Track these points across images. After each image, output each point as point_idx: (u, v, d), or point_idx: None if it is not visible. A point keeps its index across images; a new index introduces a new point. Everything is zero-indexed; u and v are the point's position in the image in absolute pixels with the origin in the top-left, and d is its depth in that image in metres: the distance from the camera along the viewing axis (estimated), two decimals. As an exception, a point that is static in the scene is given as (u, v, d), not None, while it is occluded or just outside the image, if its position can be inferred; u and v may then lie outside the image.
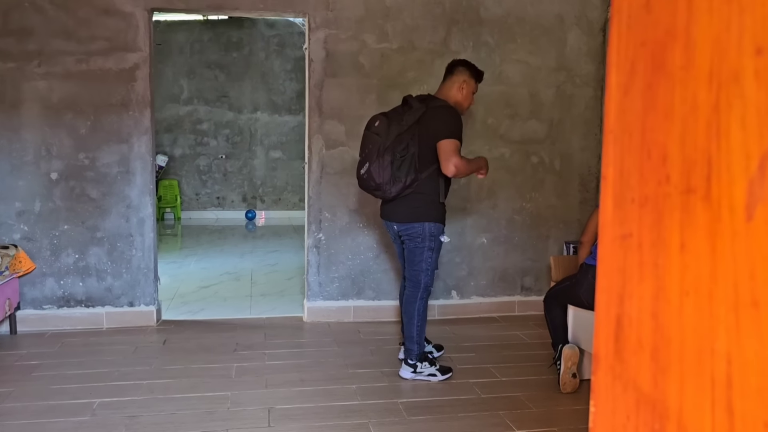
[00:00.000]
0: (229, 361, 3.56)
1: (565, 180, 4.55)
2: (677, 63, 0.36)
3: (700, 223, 0.34)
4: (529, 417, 2.95)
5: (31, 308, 4.03)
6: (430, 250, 3.21)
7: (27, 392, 3.12)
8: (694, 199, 0.35)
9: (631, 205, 0.41)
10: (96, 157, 4.00)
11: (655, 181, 0.38)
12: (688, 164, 0.35)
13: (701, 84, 0.34)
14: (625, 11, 0.41)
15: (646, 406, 0.39)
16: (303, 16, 4.18)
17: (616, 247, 0.43)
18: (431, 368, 3.34)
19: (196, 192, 9.26)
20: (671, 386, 0.37)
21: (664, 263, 0.37)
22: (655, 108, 0.38)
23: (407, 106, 3.20)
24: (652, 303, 0.38)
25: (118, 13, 3.94)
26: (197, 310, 4.60)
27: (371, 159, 3.10)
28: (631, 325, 0.41)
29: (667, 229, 0.37)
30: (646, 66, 0.39)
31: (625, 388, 0.41)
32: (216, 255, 6.67)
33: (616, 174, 0.42)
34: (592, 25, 4.49)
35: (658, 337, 0.38)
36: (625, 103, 0.41)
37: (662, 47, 0.37)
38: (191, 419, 2.86)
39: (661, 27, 0.38)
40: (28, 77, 3.89)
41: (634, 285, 0.41)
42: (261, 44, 9.12)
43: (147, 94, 4.01)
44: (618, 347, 0.42)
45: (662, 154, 0.38)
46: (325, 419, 2.89)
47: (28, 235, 3.99)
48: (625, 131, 0.41)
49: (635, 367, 0.40)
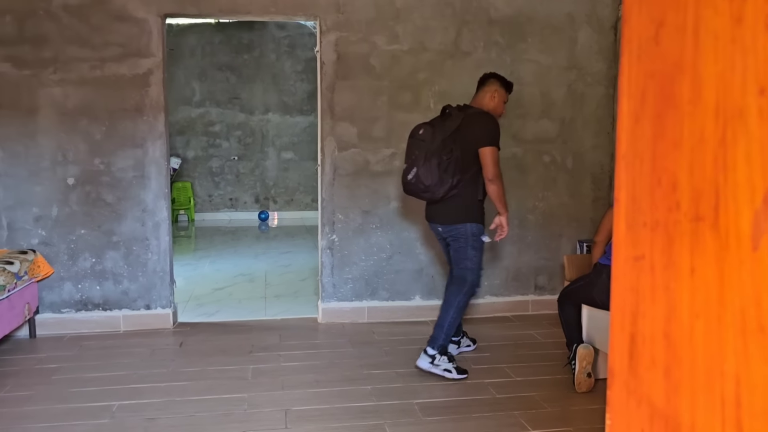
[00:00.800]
0: (245, 363, 3.60)
1: (577, 179, 4.55)
2: (685, 96, 0.38)
3: (709, 250, 0.36)
4: (544, 417, 2.96)
5: (49, 312, 4.09)
6: (474, 249, 3.39)
7: (47, 395, 3.17)
8: (703, 226, 0.37)
9: (643, 229, 0.42)
10: (111, 162, 4.05)
11: (666, 207, 0.40)
12: (696, 193, 0.37)
13: (708, 118, 0.36)
14: (635, 41, 0.43)
15: (659, 421, 0.41)
16: (314, 19, 4.21)
17: (629, 267, 0.44)
18: (448, 364, 3.39)
19: (209, 194, 9.33)
20: (683, 403, 0.39)
21: (675, 286, 0.39)
22: (665, 137, 0.40)
23: (447, 114, 3.42)
24: (665, 323, 0.40)
25: (132, 19, 3.98)
26: (212, 312, 4.64)
27: (418, 164, 3.30)
28: (645, 343, 0.43)
29: (678, 254, 0.39)
30: (655, 96, 0.41)
31: (639, 403, 0.43)
32: (230, 256, 6.73)
33: (629, 198, 0.44)
34: (602, 23, 4.48)
35: (671, 355, 0.40)
36: (636, 130, 0.43)
37: (671, 80, 0.39)
38: (209, 421, 2.90)
39: (669, 60, 0.39)
40: (44, 84, 3.95)
41: (647, 305, 0.42)
42: (271, 46, 9.16)
43: (161, 99, 4.06)
44: (632, 364, 0.44)
45: (672, 181, 0.39)
46: (341, 420, 2.92)
47: (46, 240, 4.05)
48: (636, 157, 0.43)
49: (649, 383, 0.42)
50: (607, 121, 4.55)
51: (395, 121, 4.28)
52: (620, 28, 3.06)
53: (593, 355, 3.22)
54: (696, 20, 0.37)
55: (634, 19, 0.43)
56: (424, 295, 4.44)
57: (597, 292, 3.19)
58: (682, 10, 0.38)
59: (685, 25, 0.38)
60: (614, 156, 2.82)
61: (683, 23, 0.38)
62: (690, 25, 0.38)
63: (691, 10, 0.37)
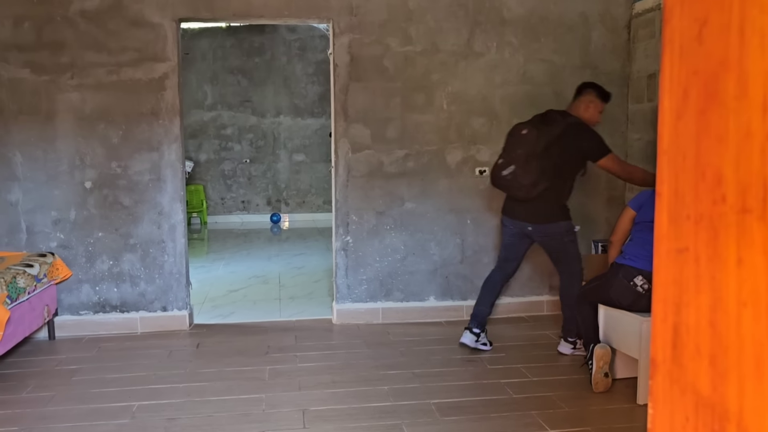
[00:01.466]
0: (262, 364, 3.62)
1: (592, 178, 4.54)
2: (730, 93, 0.39)
3: (757, 241, 0.37)
4: (561, 417, 2.96)
5: (68, 314, 4.14)
6: (572, 242, 3.71)
7: (68, 396, 3.21)
8: (751, 218, 0.38)
9: (686, 222, 0.44)
10: (128, 166, 4.10)
11: (710, 200, 0.41)
12: (743, 186, 0.38)
13: (755, 113, 0.37)
14: (677, 41, 0.44)
15: (705, 409, 0.42)
16: (327, 21, 4.24)
17: (671, 260, 0.46)
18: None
19: (221, 196, 9.38)
20: (731, 390, 0.40)
21: (721, 276, 0.41)
22: (709, 133, 0.41)
23: (551, 119, 3.62)
24: (710, 313, 0.42)
25: (147, 24, 4.03)
26: (228, 314, 4.68)
27: (519, 162, 3.52)
28: (689, 333, 0.44)
29: (723, 245, 0.40)
30: (698, 93, 0.42)
31: (683, 392, 0.44)
32: (243, 259, 6.76)
33: (671, 192, 0.45)
34: (616, 22, 4.48)
35: (716, 344, 0.41)
36: (678, 126, 0.44)
37: (715, 77, 0.40)
38: (228, 421, 2.92)
39: (713, 58, 0.41)
40: (62, 89, 4.00)
41: (691, 296, 0.44)
42: (282, 49, 9.21)
43: (176, 103, 4.10)
44: (675, 353, 0.45)
45: (717, 175, 0.41)
46: (358, 420, 2.93)
47: (65, 243, 4.09)
48: (679, 153, 0.44)
49: (693, 372, 0.43)
50: (622, 121, 4.55)
51: (408, 122, 4.30)
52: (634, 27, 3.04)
53: (610, 355, 3.21)
54: (741, 19, 0.38)
55: (675, 19, 0.44)
56: (438, 296, 4.45)
57: (613, 292, 3.19)
58: (726, 10, 0.39)
59: (729, 23, 0.39)
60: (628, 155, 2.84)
61: (728, 22, 0.40)
62: (735, 23, 0.39)
63: (736, 9, 0.39)
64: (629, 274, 3.14)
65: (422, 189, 4.37)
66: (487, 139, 4.38)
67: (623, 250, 3.30)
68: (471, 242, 4.45)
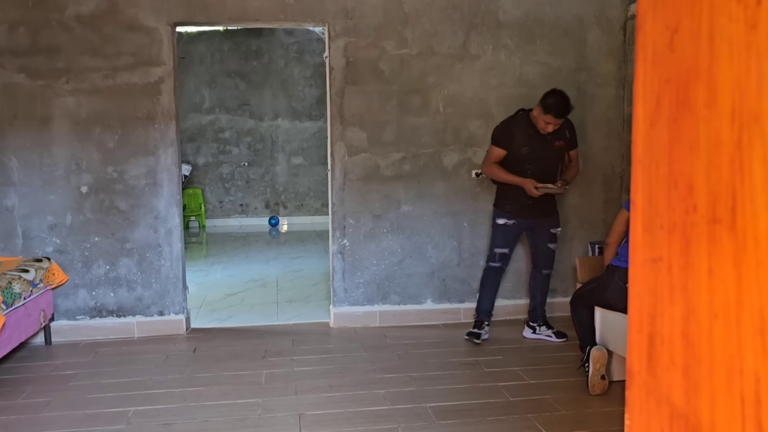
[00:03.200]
0: (259, 368, 3.61)
1: (588, 180, 4.54)
2: (701, 101, 0.39)
3: (727, 252, 0.37)
4: (558, 420, 2.95)
5: (64, 319, 4.13)
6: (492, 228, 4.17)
7: (64, 402, 3.20)
8: (720, 228, 0.37)
9: (660, 231, 0.43)
10: (124, 170, 4.09)
11: (683, 209, 0.41)
12: (713, 195, 0.38)
13: (724, 122, 0.37)
14: (650, 48, 0.44)
15: (679, 421, 0.41)
16: (323, 24, 4.23)
17: (646, 269, 0.45)
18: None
19: (219, 200, 9.38)
20: (703, 403, 0.39)
21: (693, 287, 0.40)
22: (681, 141, 0.41)
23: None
24: (683, 323, 0.41)
25: (142, 28, 4.02)
26: (225, 318, 4.67)
27: None
28: (663, 343, 0.43)
29: (696, 255, 0.40)
30: (671, 101, 0.42)
31: (658, 404, 0.44)
32: (241, 262, 6.76)
33: (645, 201, 0.45)
34: (611, 24, 4.48)
35: (689, 355, 0.40)
36: (651, 134, 0.44)
37: (686, 85, 0.40)
38: (224, 426, 2.92)
39: (684, 66, 0.40)
40: (58, 94, 4.00)
41: (665, 306, 0.43)
42: (280, 52, 9.21)
43: (172, 107, 4.09)
44: (651, 364, 0.45)
45: (688, 184, 0.40)
46: (355, 424, 2.93)
47: (61, 247, 4.09)
48: (653, 161, 0.44)
49: (668, 383, 0.43)
50: (618, 122, 4.55)
51: (405, 125, 4.30)
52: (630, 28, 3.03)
53: (607, 358, 3.21)
54: (711, 27, 0.38)
55: (648, 25, 0.44)
56: (435, 299, 4.44)
57: (610, 294, 3.19)
58: (696, 17, 0.39)
59: (699, 31, 0.39)
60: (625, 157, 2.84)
61: (698, 30, 0.39)
62: (705, 31, 0.38)
63: (705, 16, 0.38)
64: (625, 276, 3.13)
65: (419, 192, 4.36)
66: (484, 141, 4.38)
67: (619, 252, 3.30)
68: (468, 245, 4.44)
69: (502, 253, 4.02)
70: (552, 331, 4.09)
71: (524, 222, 3.96)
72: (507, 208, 3.95)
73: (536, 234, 4.04)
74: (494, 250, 4.05)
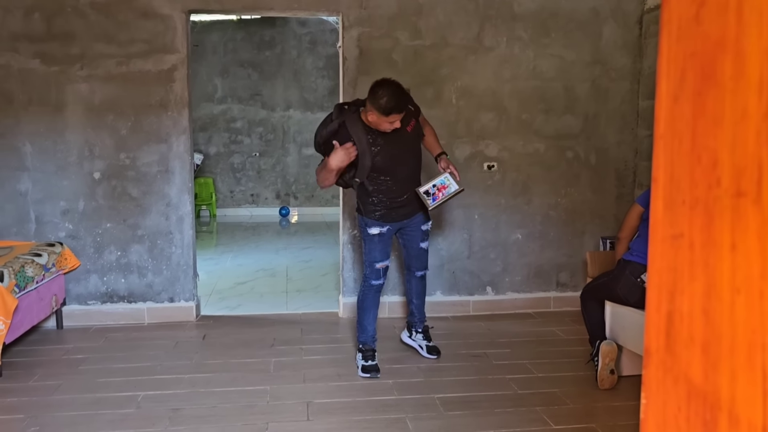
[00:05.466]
0: (267, 356, 3.63)
1: (601, 175, 4.51)
2: (727, 73, 0.38)
3: (751, 225, 0.36)
4: (566, 413, 2.95)
5: (76, 304, 4.16)
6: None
7: (75, 385, 3.23)
8: (745, 202, 0.37)
9: (681, 207, 0.43)
10: (136, 157, 4.11)
11: (706, 184, 0.40)
12: (738, 169, 0.37)
13: (751, 93, 0.36)
14: (675, 22, 0.43)
15: (697, 398, 0.41)
16: (337, 14, 4.22)
17: (666, 246, 0.45)
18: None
19: (230, 189, 9.41)
20: (722, 379, 0.39)
21: (714, 262, 0.40)
22: (705, 115, 0.40)
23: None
24: (703, 300, 0.41)
25: (157, 15, 4.03)
26: (234, 306, 4.69)
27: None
28: (682, 321, 0.43)
29: (718, 230, 0.39)
30: (695, 75, 0.41)
31: (676, 381, 0.43)
32: (251, 251, 6.78)
33: (667, 177, 0.44)
34: (627, 17, 4.44)
35: (709, 332, 0.40)
36: (675, 110, 0.43)
37: (712, 58, 0.39)
38: (232, 412, 2.93)
39: (711, 39, 0.40)
40: (72, 80, 4.01)
41: (685, 283, 0.43)
42: (293, 42, 9.20)
43: (185, 95, 4.10)
44: (669, 342, 0.44)
45: (712, 158, 0.40)
46: (362, 413, 2.93)
47: (73, 233, 4.11)
48: (675, 137, 0.43)
49: (686, 360, 0.42)
50: (632, 117, 4.51)
51: (417, 116, 4.28)
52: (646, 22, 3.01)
53: (616, 352, 3.20)
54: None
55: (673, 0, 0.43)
56: (445, 291, 4.44)
57: (621, 288, 3.17)
58: (724, -12, 0.38)
59: (727, 3, 0.38)
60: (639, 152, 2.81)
61: (725, 2, 0.39)
62: (733, 2, 0.38)
63: (734, -13, 0.38)
64: (636, 271, 3.12)
65: (430, 183, 4.34)
66: (496, 134, 4.36)
67: (630, 247, 3.28)
68: (478, 237, 4.43)
69: (385, 267, 3.47)
70: (426, 344, 3.65)
71: (396, 225, 3.43)
72: (377, 215, 3.36)
73: (407, 234, 3.52)
74: (375, 265, 3.44)
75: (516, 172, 4.41)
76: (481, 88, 4.32)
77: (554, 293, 4.55)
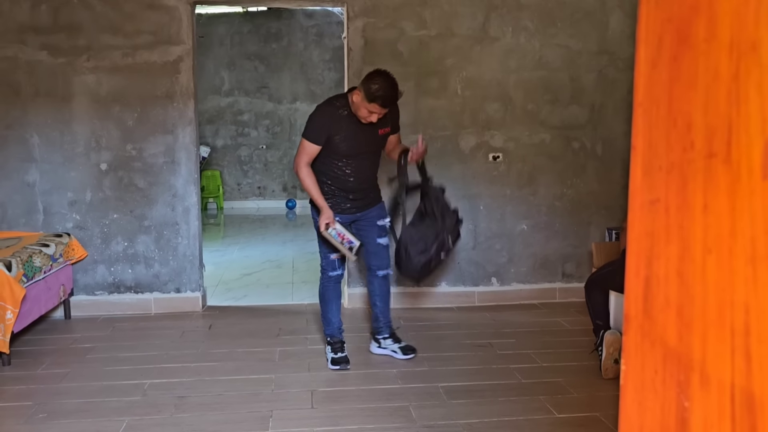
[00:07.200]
0: (273, 346, 3.65)
1: (607, 166, 4.50)
2: (701, 36, 0.38)
3: (721, 185, 0.37)
4: (570, 402, 2.95)
5: (83, 294, 4.20)
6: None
7: (82, 373, 3.26)
8: (716, 162, 0.37)
9: (658, 173, 0.43)
10: (143, 148, 4.13)
11: (681, 148, 0.41)
12: (710, 130, 0.38)
13: (722, 54, 0.37)
14: (653, -11, 0.43)
15: (672, 360, 0.41)
16: (342, 5, 4.22)
17: (645, 212, 0.45)
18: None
19: (237, 182, 9.43)
20: (695, 339, 0.39)
21: (688, 225, 0.40)
22: (680, 79, 0.41)
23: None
24: (678, 263, 0.41)
25: (162, 7, 4.04)
26: (240, 297, 4.71)
27: None
28: (659, 285, 0.43)
29: (691, 193, 0.40)
30: (672, 40, 0.41)
31: (653, 345, 0.44)
32: (258, 243, 6.80)
33: (645, 144, 0.45)
34: (635, 7, 4.40)
35: (683, 294, 0.40)
36: (653, 76, 0.44)
37: (687, 22, 0.40)
38: (237, 400, 2.96)
39: (686, 3, 0.40)
40: (78, 71, 4.03)
41: (662, 247, 0.43)
42: (299, 35, 9.20)
43: (190, 86, 4.12)
44: (647, 307, 0.45)
45: (687, 122, 0.40)
46: (366, 401, 2.95)
47: (80, 223, 4.14)
48: (653, 103, 0.44)
49: (662, 324, 0.43)
50: (638, 107, 4.49)
51: (422, 107, 4.28)
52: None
53: (621, 342, 3.19)
54: (711, -41, 0.37)
55: (652, -34, 0.44)
56: (450, 282, 4.44)
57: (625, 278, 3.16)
58: (698, -49, 0.38)
59: (701, -35, 0.39)
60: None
61: (699, -36, 0.39)
62: (706, -36, 0.38)
63: (706, -51, 0.38)
64: (641, 261, 3.11)
65: (435, 174, 4.33)
66: (501, 124, 4.35)
67: (636, 237, 3.27)
68: (483, 228, 4.43)
69: (340, 257, 3.44)
70: (398, 346, 3.50)
71: (347, 218, 3.38)
72: (327, 204, 3.31)
73: (362, 229, 3.43)
74: (330, 257, 3.42)
75: (521, 163, 4.40)
76: (487, 79, 4.31)
77: (560, 284, 4.54)
